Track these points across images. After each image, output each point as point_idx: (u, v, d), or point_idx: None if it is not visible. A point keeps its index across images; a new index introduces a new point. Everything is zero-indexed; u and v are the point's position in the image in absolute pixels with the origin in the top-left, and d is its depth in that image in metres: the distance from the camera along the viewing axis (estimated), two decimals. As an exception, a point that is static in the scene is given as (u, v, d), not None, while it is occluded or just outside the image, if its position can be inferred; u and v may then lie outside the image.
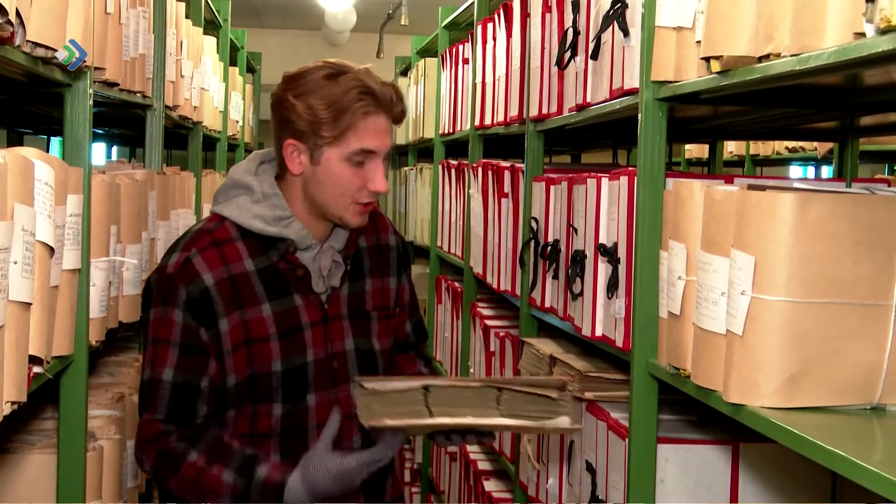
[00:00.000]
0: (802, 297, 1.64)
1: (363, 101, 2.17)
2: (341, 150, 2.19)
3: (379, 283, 2.39)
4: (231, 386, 2.21)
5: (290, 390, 2.23)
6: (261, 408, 2.23)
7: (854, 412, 1.67)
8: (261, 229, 2.23)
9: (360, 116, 2.17)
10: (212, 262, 2.21)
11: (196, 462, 2.16)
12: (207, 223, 2.29)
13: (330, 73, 2.20)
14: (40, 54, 2.02)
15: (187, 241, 2.25)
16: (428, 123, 5.91)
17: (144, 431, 2.21)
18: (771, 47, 1.68)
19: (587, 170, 2.72)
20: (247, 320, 2.21)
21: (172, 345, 2.19)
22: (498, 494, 3.70)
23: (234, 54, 7.36)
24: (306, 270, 2.26)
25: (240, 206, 2.26)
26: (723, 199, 1.76)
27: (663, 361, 2.05)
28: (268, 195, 2.25)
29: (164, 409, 2.19)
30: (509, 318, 3.92)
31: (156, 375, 2.19)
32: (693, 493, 2.16)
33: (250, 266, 2.23)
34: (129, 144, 7.37)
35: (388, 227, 2.46)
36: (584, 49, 2.67)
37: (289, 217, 2.24)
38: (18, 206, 1.68)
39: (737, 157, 6.97)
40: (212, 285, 2.19)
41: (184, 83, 4.26)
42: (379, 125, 2.21)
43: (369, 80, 2.20)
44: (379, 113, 2.20)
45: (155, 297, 2.22)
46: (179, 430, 2.18)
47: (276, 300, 2.23)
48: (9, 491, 2.27)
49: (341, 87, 2.18)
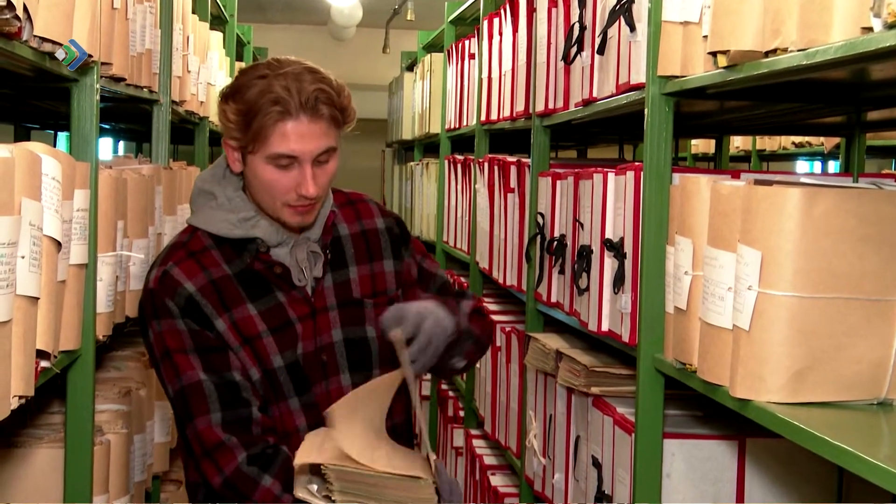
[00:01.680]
0: (809, 293, 1.64)
1: (274, 107, 2.10)
2: (261, 154, 2.15)
3: (368, 269, 2.34)
4: (256, 380, 2.20)
5: (298, 384, 2.23)
6: (282, 406, 2.22)
7: (860, 407, 1.66)
8: (228, 233, 2.22)
9: (270, 123, 2.11)
10: (190, 271, 2.21)
11: (272, 489, 2.11)
12: (181, 236, 2.29)
13: (259, 75, 2.15)
14: (47, 49, 2.02)
15: (163, 257, 2.25)
16: (434, 119, 5.91)
17: (204, 440, 2.14)
18: (778, 42, 1.68)
19: (593, 165, 2.72)
20: (236, 320, 2.20)
21: (189, 351, 2.17)
22: (504, 489, 3.70)
23: (241, 49, 7.36)
24: (284, 267, 2.24)
25: (206, 213, 2.25)
26: (729, 195, 1.76)
27: (669, 356, 2.06)
28: (231, 198, 2.24)
29: (217, 408, 2.14)
30: (515, 313, 3.93)
31: (190, 380, 2.15)
32: (699, 488, 2.16)
33: (228, 270, 2.23)
34: (135, 139, 7.37)
35: (372, 212, 2.40)
36: (590, 44, 2.67)
37: (253, 217, 2.23)
38: (26, 201, 1.68)
39: (743, 152, 6.97)
40: (195, 292, 2.19)
41: (190, 78, 4.26)
42: (294, 129, 2.12)
43: (283, 84, 2.11)
44: (297, 119, 2.11)
45: (147, 315, 2.21)
46: (244, 445, 2.12)
47: (258, 300, 2.22)
48: (16, 484, 2.27)
49: (252, 92, 2.12)
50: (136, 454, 2.87)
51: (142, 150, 6.97)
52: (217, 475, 2.14)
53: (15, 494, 2.27)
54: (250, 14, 10.26)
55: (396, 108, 7.86)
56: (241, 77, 2.18)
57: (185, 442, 2.21)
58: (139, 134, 6.69)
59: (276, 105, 2.10)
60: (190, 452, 2.22)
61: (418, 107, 6.51)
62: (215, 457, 2.14)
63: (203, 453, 2.15)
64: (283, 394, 2.22)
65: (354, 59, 11.56)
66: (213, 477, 2.15)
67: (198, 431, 2.15)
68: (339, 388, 2.26)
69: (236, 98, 2.14)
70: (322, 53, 11.34)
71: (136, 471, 2.89)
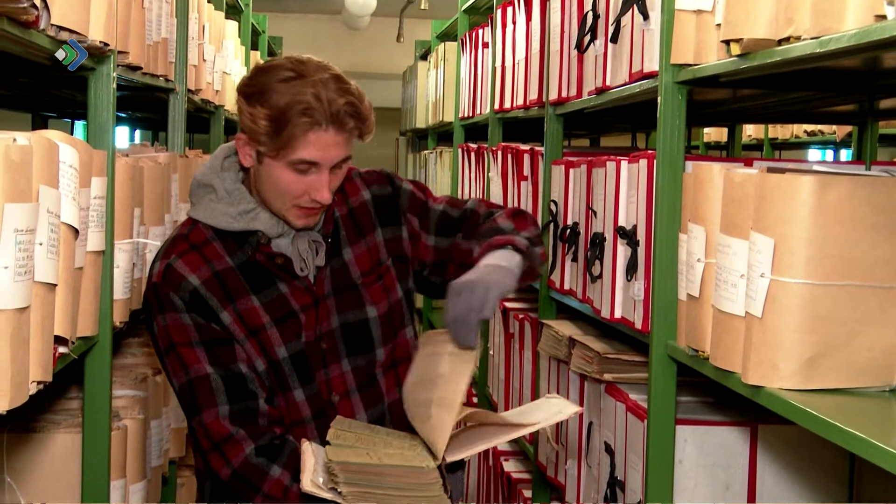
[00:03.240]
0: (821, 280, 1.64)
1: (305, 116, 2.09)
2: (283, 159, 2.14)
3: (362, 246, 2.31)
4: (261, 371, 2.20)
5: (302, 374, 2.23)
6: (287, 396, 2.23)
7: (872, 394, 1.67)
8: (228, 226, 2.21)
9: (300, 131, 2.10)
10: (193, 264, 2.20)
11: (281, 479, 2.12)
12: (181, 229, 2.27)
13: (284, 77, 2.12)
14: (64, 38, 2.04)
15: (165, 249, 2.24)
16: (448, 107, 5.91)
17: (211, 433, 2.14)
18: (791, 30, 1.68)
19: (606, 153, 2.72)
20: (240, 312, 2.19)
21: (195, 344, 2.16)
22: (517, 475, 3.72)
23: (256, 39, 7.37)
24: (286, 258, 2.23)
25: (205, 206, 2.24)
26: (742, 182, 1.77)
27: (682, 343, 2.06)
28: (230, 191, 2.23)
29: (225, 401, 2.14)
30: (528, 300, 3.93)
31: (196, 373, 2.15)
32: (711, 474, 2.17)
33: (231, 262, 2.22)
34: (151, 128, 7.40)
35: (357, 187, 2.35)
36: (603, 32, 2.67)
37: (254, 209, 2.22)
38: (43, 188, 1.70)
39: (755, 140, 6.96)
40: (199, 285, 2.18)
41: (206, 67, 4.27)
42: (320, 139, 2.11)
43: (316, 94, 2.10)
44: (325, 128, 2.11)
45: (152, 309, 2.20)
46: (251, 436, 2.13)
47: (261, 292, 2.22)
48: (35, 469, 2.29)
49: (284, 99, 2.10)
50: (152, 439, 2.89)
51: (158, 138, 6.99)
52: (225, 467, 2.14)
53: (33, 479, 2.29)
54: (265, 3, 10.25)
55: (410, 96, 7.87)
56: (264, 77, 2.15)
57: (192, 434, 2.22)
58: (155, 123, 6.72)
59: (306, 115, 2.09)
60: (197, 444, 2.23)
61: (432, 95, 6.52)
62: (223, 449, 2.14)
63: (211, 446, 2.15)
64: (287, 384, 2.22)
65: (369, 48, 11.56)
66: (221, 469, 2.15)
67: (205, 424, 2.15)
68: (340, 375, 2.25)
69: (264, 102, 2.11)
70: (336, 42, 11.35)
71: (153, 456, 2.91)
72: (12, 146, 1.55)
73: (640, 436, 2.26)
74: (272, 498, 2.13)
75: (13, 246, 1.55)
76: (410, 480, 2.05)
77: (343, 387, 2.26)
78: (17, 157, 1.56)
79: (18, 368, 1.60)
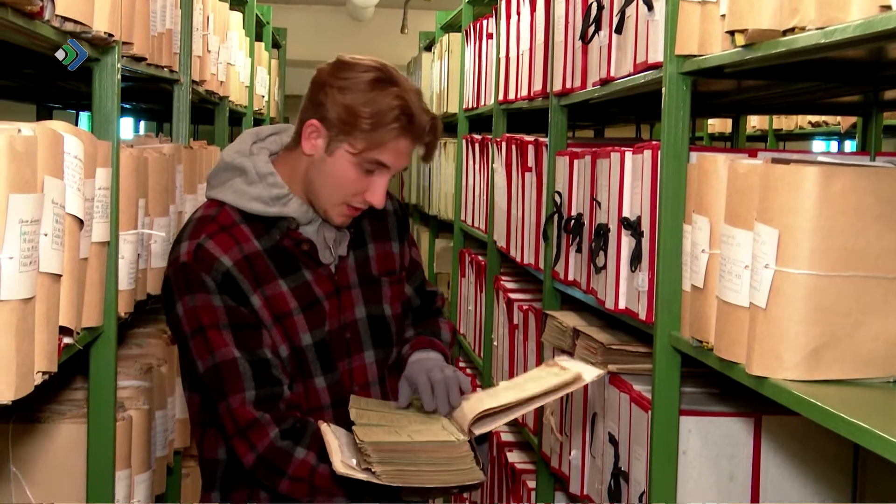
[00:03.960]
0: (826, 271, 1.64)
1: (401, 122, 2.16)
2: (360, 156, 2.18)
3: (381, 247, 2.37)
4: (284, 357, 2.21)
5: (325, 362, 2.24)
6: (308, 383, 2.24)
7: (877, 385, 1.67)
8: (260, 211, 2.22)
9: (392, 136, 2.16)
10: (225, 244, 2.19)
11: (307, 459, 2.13)
12: (207, 210, 2.26)
13: (379, 78, 2.19)
14: (69, 29, 2.04)
15: (193, 229, 2.23)
16: (452, 98, 5.91)
17: (238, 418, 2.14)
18: (796, 20, 1.68)
19: (610, 144, 2.72)
20: (268, 296, 2.20)
21: (223, 327, 2.15)
22: (521, 465, 3.72)
23: (260, 30, 7.37)
24: (311, 244, 2.25)
25: (236, 189, 2.24)
26: (747, 173, 1.77)
27: (686, 334, 2.07)
28: (263, 175, 2.24)
29: (252, 386, 2.13)
30: (532, 291, 3.94)
31: (224, 357, 2.15)
32: (715, 465, 2.17)
33: (259, 246, 2.22)
34: (156, 119, 7.41)
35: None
36: (608, 23, 2.67)
37: (287, 195, 2.23)
38: (48, 179, 1.70)
39: (759, 131, 6.95)
40: (231, 266, 2.18)
41: (210, 58, 4.27)
42: (403, 147, 2.19)
43: (414, 104, 2.19)
44: (409, 138, 2.19)
45: (177, 289, 2.19)
46: (275, 421, 2.13)
47: (287, 277, 2.23)
48: (40, 459, 2.30)
49: (387, 100, 2.16)
50: (157, 430, 2.90)
51: (162, 129, 7.00)
52: (250, 452, 2.14)
53: (38, 469, 2.30)
54: (269, -6, 10.25)
55: (414, 87, 7.83)
56: (355, 73, 2.19)
57: (216, 419, 2.20)
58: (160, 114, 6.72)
59: (403, 123, 2.16)
60: (220, 430, 2.22)
61: (436, 86, 6.51)
62: (248, 434, 2.14)
63: (236, 431, 2.15)
64: (309, 372, 2.23)
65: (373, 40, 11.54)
66: (245, 455, 2.15)
67: (232, 410, 2.15)
68: (363, 366, 2.28)
69: (358, 95, 2.16)
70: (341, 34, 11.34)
71: (158, 446, 2.92)
72: (17, 137, 1.55)
73: (644, 426, 2.26)
74: (299, 479, 2.13)
75: (18, 236, 1.55)
76: (442, 455, 2.07)
77: (364, 377, 2.28)
78: (22, 147, 1.56)
79: (23, 359, 1.60)
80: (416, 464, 2.03)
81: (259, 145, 2.29)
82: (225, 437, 2.21)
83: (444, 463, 2.06)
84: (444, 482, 2.06)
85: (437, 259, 6.79)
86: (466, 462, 2.07)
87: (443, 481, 2.05)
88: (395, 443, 2.06)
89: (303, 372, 2.23)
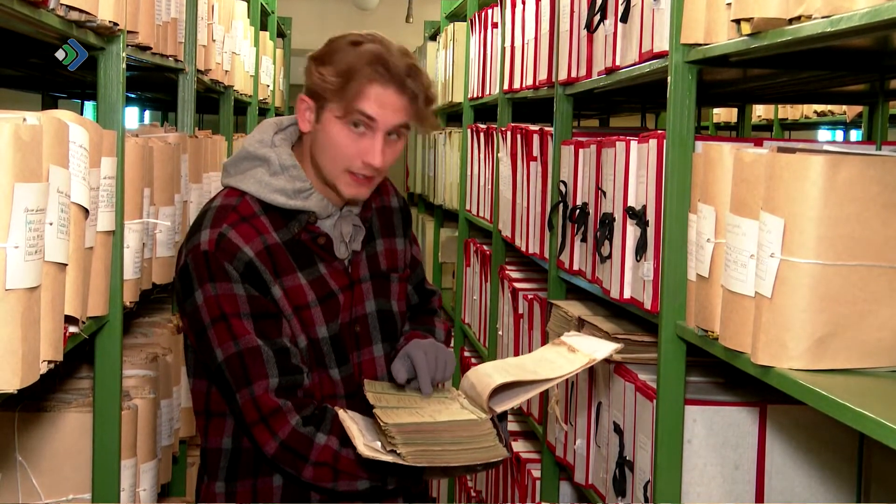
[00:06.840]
0: (831, 260, 1.64)
1: (372, 65, 2.16)
2: (342, 113, 2.17)
3: (388, 243, 2.39)
4: (303, 348, 2.21)
5: (339, 354, 2.25)
6: (322, 375, 2.24)
7: (882, 374, 1.67)
8: (282, 203, 2.22)
9: (365, 82, 2.16)
10: (247, 235, 2.19)
11: (329, 444, 2.12)
12: (227, 199, 2.25)
13: (356, 40, 2.21)
14: (74, 18, 2.04)
15: (214, 217, 2.21)
16: (457, 88, 5.90)
17: (261, 405, 2.13)
18: (802, 9, 1.68)
19: (616, 133, 2.72)
20: (287, 288, 2.20)
21: (244, 316, 2.15)
22: (526, 455, 3.72)
23: (265, 19, 7.37)
24: (328, 238, 2.26)
25: (258, 179, 2.23)
26: (752, 162, 1.77)
27: (691, 323, 2.07)
28: (286, 167, 2.24)
29: (276, 373, 2.13)
30: (538, 280, 3.94)
31: (248, 344, 2.14)
32: (720, 454, 2.17)
33: (278, 238, 2.22)
34: (161, 108, 7.42)
35: (389, 189, 2.45)
36: (613, 12, 2.67)
37: (309, 189, 2.23)
38: (53, 168, 1.70)
39: (765, 121, 6.95)
40: (253, 257, 2.17)
41: (215, 47, 4.27)
42: (384, 97, 2.17)
43: (387, 52, 2.19)
44: (386, 85, 2.17)
45: (198, 277, 2.17)
46: (296, 408, 2.13)
47: (305, 270, 2.23)
48: (46, 448, 2.30)
49: (358, 51, 2.18)
50: (163, 419, 2.91)
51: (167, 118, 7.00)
52: (272, 440, 2.14)
53: (44, 458, 2.30)
54: (273, -17, 10.23)
55: (419, 77, 7.82)
56: (335, 43, 2.23)
57: (233, 408, 2.19)
58: (165, 103, 6.73)
59: (370, 68, 2.16)
60: (233, 419, 2.23)
61: (441, 76, 6.51)
62: (270, 422, 2.13)
63: (259, 419, 2.14)
64: (324, 364, 2.24)
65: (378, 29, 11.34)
66: (267, 443, 2.14)
67: (256, 397, 2.13)
68: (372, 359, 2.29)
69: (333, 61, 2.19)
70: (346, 23, 11.32)
71: (163, 435, 2.93)
72: (22, 126, 1.55)
73: (650, 416, 2.26)
74: (322, 464, 2.13)
75: (23, 226, 1.55)
76: (465, 434, 2.08)
77: (372, 371, 2.29)
78: (28, 136, 1.56)
79: (29, 348, 1.60)
80: (441, 443, 2.04)
81: (280, 136, 2.29)
82: (242, 426, 2.20)
83: (467, 441, 2.07)
84: (469, 460, 2.07)
85: (442, 249, 6.78)
86: (490, 439, 2.08)
87: (468, 459, 2.06)
88: (418, 423, 2.07)
89: (318, 364, 2.23)
